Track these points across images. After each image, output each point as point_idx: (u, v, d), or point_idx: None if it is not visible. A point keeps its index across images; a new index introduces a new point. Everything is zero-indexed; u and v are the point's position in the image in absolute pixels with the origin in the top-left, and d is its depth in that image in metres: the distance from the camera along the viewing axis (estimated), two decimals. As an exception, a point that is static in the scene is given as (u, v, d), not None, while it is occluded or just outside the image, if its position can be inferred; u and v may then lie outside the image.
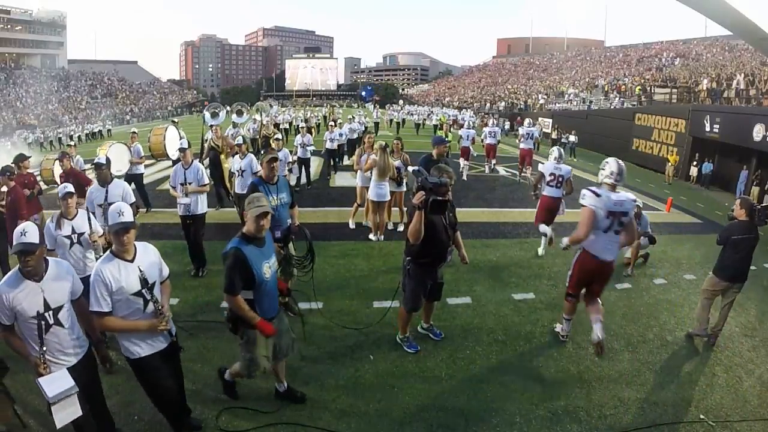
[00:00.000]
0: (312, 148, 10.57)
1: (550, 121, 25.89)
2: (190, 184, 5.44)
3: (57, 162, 7.32)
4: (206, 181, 5.61)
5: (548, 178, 6.41)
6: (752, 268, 6.90)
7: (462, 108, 42.47)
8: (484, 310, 4.94)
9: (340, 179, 11.71)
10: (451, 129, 21.08)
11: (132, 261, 2.61)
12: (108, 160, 4.70)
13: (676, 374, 3.98)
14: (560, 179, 6.37)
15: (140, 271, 2.60)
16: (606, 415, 3.39)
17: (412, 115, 33.31)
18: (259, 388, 3.49)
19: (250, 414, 3.25)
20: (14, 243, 2.42)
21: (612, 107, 24.44)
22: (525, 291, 5.47)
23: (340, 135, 13.18)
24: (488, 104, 42.82)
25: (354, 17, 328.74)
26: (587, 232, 3.80)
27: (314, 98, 72.23)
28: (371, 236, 6.95)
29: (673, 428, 3.29)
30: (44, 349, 2.46)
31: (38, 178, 6.88)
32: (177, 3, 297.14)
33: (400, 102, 52.68)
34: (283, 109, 33.33)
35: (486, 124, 17.14)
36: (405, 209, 7.24)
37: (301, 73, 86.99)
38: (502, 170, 14.00)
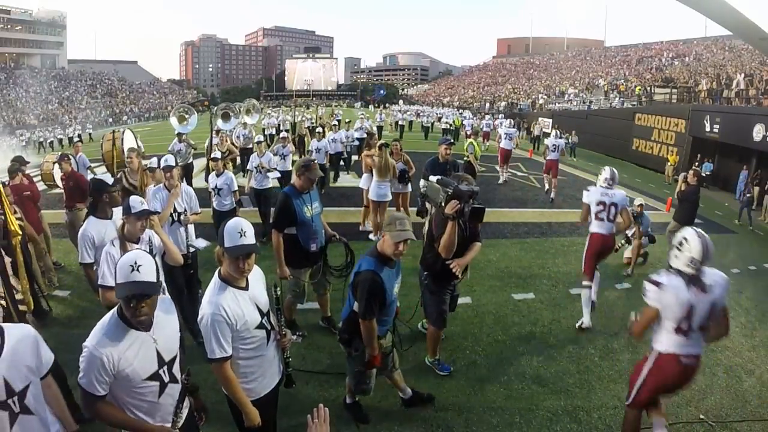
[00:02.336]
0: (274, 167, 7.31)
1: (550, 121, 25.89)
2: (185, 214, 4.07)
3: (56, 164, 7.26)
4: (198, 209, 4.34)
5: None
6: (752, 268, 7.00)
7: (462, 108, 42.46)
8: (484, 310, 4.95)
9: (340, 180, 11.68)
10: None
11: (246, 288, 2.14)
12: (115, 182, 3.88)
13: (676, 374, 3.98)
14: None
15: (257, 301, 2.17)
16: (606, 415, 3.39)
17: (419, 116, 29.58)
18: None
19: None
20: (122, 281, 1.75)
21: (612, 107, 24.47)
22: (525, 291, 5.47)
23: (317, 150, 8.91)
24: (488, 104, 42.85)
25: (354, 17, 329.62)
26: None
27: (314, 98, 72.04)
28: (371, 237, 6.95)
29: (673, 428, 3.29)
30: (180, 418, 1.95)
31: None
32: (177, 3, 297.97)
33: (400, 102, 52.59)
34: (273, 111, 27.51)
35: (483, 118, 25.17)
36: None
37: (300, 69, 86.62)
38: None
